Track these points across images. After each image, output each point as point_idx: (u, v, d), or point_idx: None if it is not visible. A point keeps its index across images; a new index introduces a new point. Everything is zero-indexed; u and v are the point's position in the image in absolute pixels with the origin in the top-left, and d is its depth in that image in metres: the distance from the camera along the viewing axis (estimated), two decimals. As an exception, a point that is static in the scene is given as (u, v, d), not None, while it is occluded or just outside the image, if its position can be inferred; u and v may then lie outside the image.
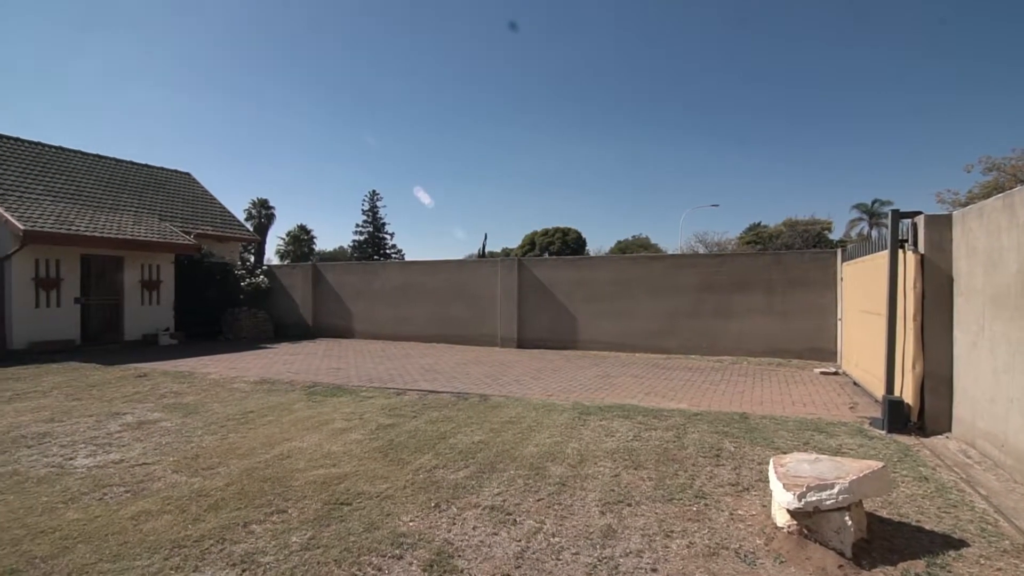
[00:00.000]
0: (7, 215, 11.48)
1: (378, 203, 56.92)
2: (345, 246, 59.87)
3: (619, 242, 52.00)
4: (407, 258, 51.52)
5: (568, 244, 47.21)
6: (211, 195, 19.98)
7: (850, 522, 2.95)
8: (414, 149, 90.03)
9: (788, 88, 72.17)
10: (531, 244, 49.23)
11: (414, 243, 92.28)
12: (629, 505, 3.63)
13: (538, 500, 3.71)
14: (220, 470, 4.31)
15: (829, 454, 4.25)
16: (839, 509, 2.97)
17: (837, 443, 5.03)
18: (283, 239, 55.88)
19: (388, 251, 56.48)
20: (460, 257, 22.38)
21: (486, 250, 42.49)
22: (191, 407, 6.59)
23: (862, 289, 7.94)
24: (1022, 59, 51.10)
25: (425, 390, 7.68)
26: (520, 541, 3.12)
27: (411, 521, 3.37)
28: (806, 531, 3.06)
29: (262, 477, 4.13)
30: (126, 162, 18.41)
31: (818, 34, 66.43)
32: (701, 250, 34.84)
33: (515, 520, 3.39)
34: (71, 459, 4.61)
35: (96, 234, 12.59)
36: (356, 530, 3.23)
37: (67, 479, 4.12)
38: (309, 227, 56.07)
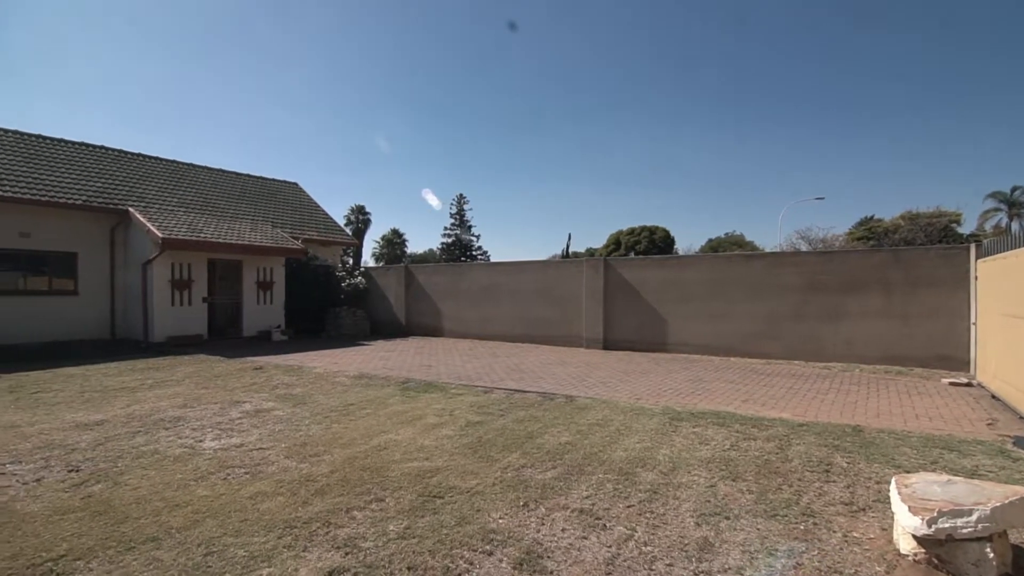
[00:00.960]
0: (149, 225, 13.12)
1: (465, 206, 58.57)
2: (434, 248, 62.25)
3: (710, 240, 49.60)
4: (492, 259, 52.61)
5: (655, 243, 45.74)
6: (315, 203, 21.58)
7: (992, 554, 2.60)
8: (496, 149, 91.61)
9: (898, 79, 65.01)
10: (616, 244, 48.27)
11: (500, 244, 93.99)
12: (727, 518, 3.43)
13: (628, 506, 3.62)
14: (325, 458, 4.63)
15: (963, 476, 3.77)
16: (978, 539, 2.62)
17: (972, 464, 4.44)
18: (378, 242, 59.27)
19: (474, 253, 57.96)
20: (543, 258, 22.42)
21: (570, 250, 42.28)
22: (299, 398, 7.15)
23: (1005, 289, 6.96)
24: None
25: (512, 389, 7.77)
26: (611, 547, 3.06)
27: (500, 518, 3.41)
28: (936, 561, 2.73)
29: (362, 467, 4.39)
30: (244, 175, 20.39)
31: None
32: (804, 247, 32.28)
33: (605, 525, 3.33)
34: (200, 441, 5.16)
35: (221, 240, 14.05)
36: (448, 523, 3.33)
37: (197, 459, 4.62)
38: (401, 231, 59.00)
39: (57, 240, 13.37)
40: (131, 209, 13.94)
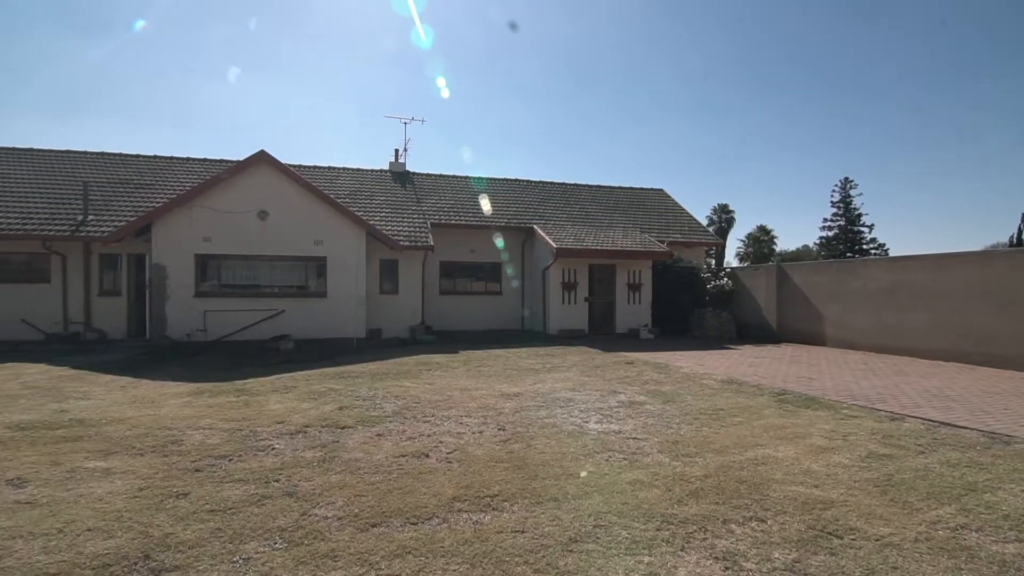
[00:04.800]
0: (547, 238, 15.91)
1: (851, 191, 49.05)
2: (810, 244, 54.50)
3: None
4: (891, 254, 42.24)
5: None
6: (680, 206, 21.93)
7: None
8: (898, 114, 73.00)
9: None
10: None
11: (900, 236, 75.21)
12: None
13: None
14: (697, 460, 4.57)
15: None
16: None
17: None
18: (743, 241, 55.88)
19: (866, 247, 47.86)
20: (977, 248, 16.66)
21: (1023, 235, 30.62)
22: (668, 395, 7.33)
23: None
24: None
25: (935, 421, 6.00)
26: None
27: (931, 587, 2.63)
28: None
29: (737, 478, 4.13)
30: (616, 187, 22.47)
31: None
32: None
33: None
34: (586, 423, 5.87)
35: (598, 247, 15.88)
36: (850, 570, 2.77)
37: (584, 438, 5.26)
38: (769, 227, 53.96)
39: (489, 253, 17.71)
40: (535, 226, 17.24)
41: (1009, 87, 63.72)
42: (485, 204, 18.26)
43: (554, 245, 15.32)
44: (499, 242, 17.62)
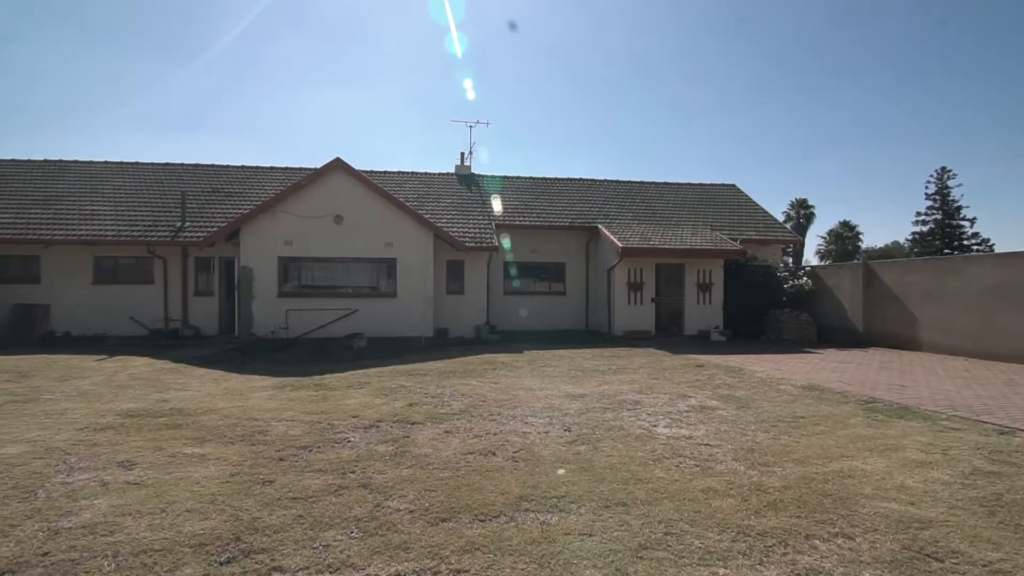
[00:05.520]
0: (612, 237, 15.65)
1: (949, 182, 44.69)
2: (900, 240, 50.25)
3: None
4: (997, 251, 38.15)
5: None
6: (754, 202, 20.91)
7: None
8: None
9: None
10: None
11: (1010, 232, 67.84)
12: None
13: None
14: (776, 470, 4.34)
15: None
16: None
17: None
18: (823, 238, 52.37)
19: (967, 242, 43.47)
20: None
21: None
22: (742, 401, 7.00)
23: None
24: None
25: (1055, 436, 5.36)
26: None
27: (1053, 623, 2.35)
28: None
29: (821, 491, 3.88)
30: (684, 184, 21.74)
31: None
32: None
33: None
34: (655, 426, 5.72)
35: (665, 246, 15.43)
36: (955, 598, 2.53)
37: (653, 442, 5.13)
38: (853, 223, 50.27)
39: (552, 253, 17.67)
40: (599, 226, 17.01)
41: None
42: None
43: (619, 244, 15.05)
44: (563, 242, 17.51)
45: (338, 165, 14.55)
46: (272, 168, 19.00)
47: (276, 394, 7.43)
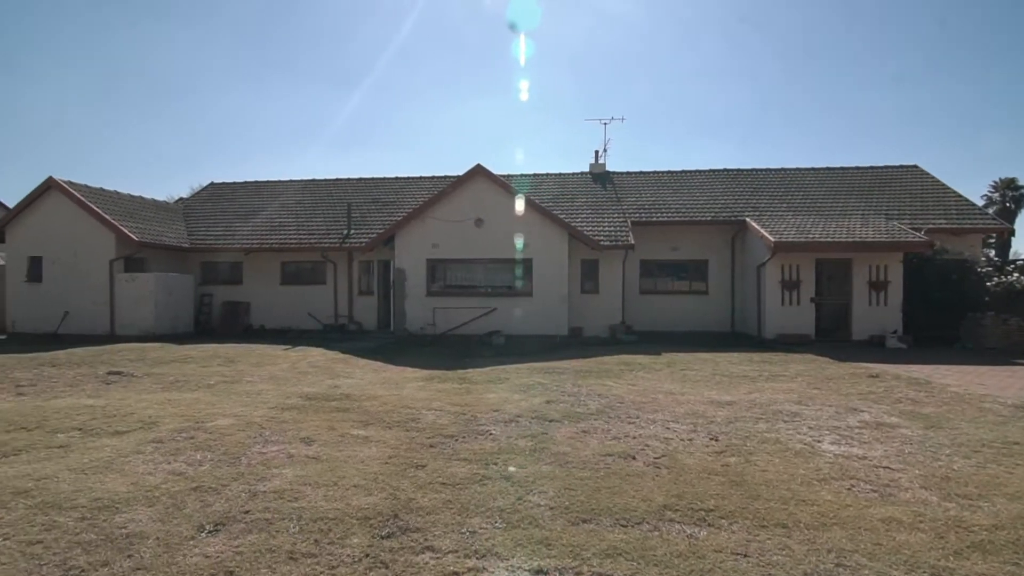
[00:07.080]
0: (763, 231, 14.34)
1: None
2: None
3: None
4: None
5: None
6: (942, 184, 17.77)
7: None
8: None
9: None
10: None
11: None
12: None
13: None
14: (982, 504, 3.61)
15: None
16: None
17: None
18: (1044, 225, 42.46)
19: None
20: None
21: None
22: (932, 419, 5.96)
23: None
24: None
25: None
26: None
27: None
28: None
29: (1049, 536, 3.15)
30: (852, 168, 19.18)
31: None
32: None
33: None
34: (819, 442, 5.11)
35: (828, 240, 13.74)
36: None
37: (818, 460, 4.58)
38: (1091, 204, 40.05)
39: (694, 250, 16.72)
40: (747, 219, 15.69)
41: None
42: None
43: (771, 239, 13.71)
44: (706, 238, 16.48)
45: (478, 171, 15.28)
46: (421, 177, 20.58)
47: (426, 385, 8.02)
